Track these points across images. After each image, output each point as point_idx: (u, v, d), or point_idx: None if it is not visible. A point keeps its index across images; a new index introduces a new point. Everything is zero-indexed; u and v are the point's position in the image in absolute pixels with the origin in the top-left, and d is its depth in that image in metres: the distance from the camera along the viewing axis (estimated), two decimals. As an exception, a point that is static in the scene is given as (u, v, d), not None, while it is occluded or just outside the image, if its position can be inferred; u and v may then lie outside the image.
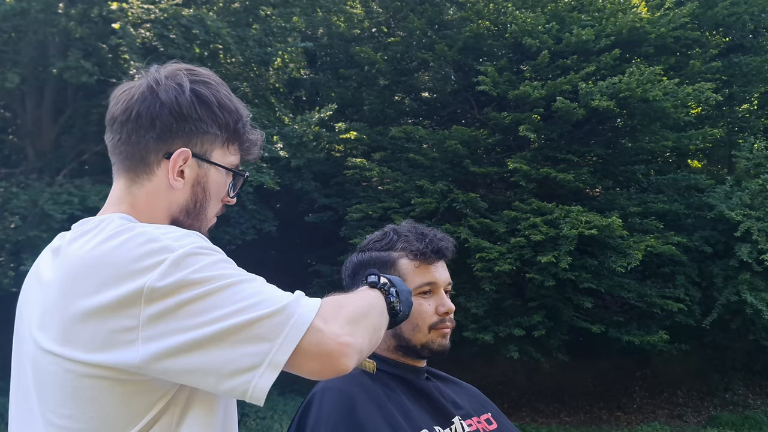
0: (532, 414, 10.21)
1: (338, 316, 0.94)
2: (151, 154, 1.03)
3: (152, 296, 0.86)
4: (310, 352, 0.89)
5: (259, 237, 10.16)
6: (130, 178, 1.04)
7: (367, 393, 1.27)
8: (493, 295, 9.18)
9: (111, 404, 0.90)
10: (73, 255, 0.94)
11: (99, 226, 0.97)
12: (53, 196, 8.20)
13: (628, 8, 10.25)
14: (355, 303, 1.01)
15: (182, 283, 0.87)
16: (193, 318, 0.86)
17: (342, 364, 0.91)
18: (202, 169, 1.06)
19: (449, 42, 10.68)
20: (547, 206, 9.02)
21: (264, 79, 11.40)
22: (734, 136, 11.41)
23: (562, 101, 9.03)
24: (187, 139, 1.03)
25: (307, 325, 0.88)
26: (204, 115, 1.04)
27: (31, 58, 9.16)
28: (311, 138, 9.92)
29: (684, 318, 9.44)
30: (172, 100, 1.02)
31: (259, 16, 10.80)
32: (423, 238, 1.39)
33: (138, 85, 1.04)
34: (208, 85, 1.06)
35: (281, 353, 0.87)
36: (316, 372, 0.91)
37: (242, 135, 1.10)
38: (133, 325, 0.87)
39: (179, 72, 1.05)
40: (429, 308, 1.36)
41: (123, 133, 1.03)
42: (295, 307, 0.90)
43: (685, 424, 9.80)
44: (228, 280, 0.89)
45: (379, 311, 1.06)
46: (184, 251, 0.89)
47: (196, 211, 1.07)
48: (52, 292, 0.94)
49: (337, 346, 0.90)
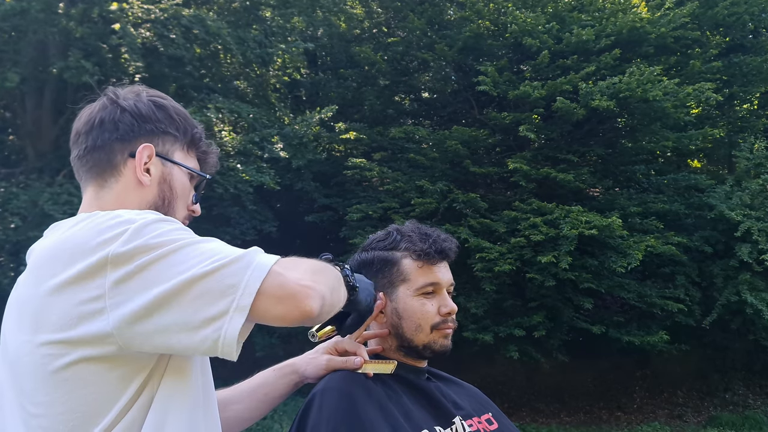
0: (532, 414, 10.21)
1: (297, 267, 0.98)
2: (117, 154, 1.08)
3: (116, 261, 0.89)
4: (274, 295, 0.91)
5: (259, 237, 10.16)
6: (99, 183, 1.09)
7: (367, 393, 1.27)
8: (493, 295, 9.18)
9: (87, 386, 0.91)
10: (42, 247, 0.99)
11: (65, 223, 1.02)
12: (53, 197, 8.20)
13: (628, 8, 10.25)
14: (310, 261, 1.05)
15: (143, 248, 0.90)
16: (157, 276, 0.89)
17: (306, 305, 0.92)
18: (167, 168, 1.11)
19: (449, 42, 10.68)
20: (547, 206, 9.02)
21: (264, 79, 11.40)
22: (734, 136, 11.40)
23: (562, 101, 9.03)
24: (149, 138, 1.10)
25: (267, 269, 0.91)
26: (162, 117, 1.12)
27: (31, 58, 9.16)
28: (311, 138, 9.92)
29: (684, 318, 9.44)
30: (131, 105, 1.10)
31: (259, 16, 10.80)
32: (427, 238, 1.38)
33: (98, 101, 1.12)
34: (163, 98, 1.15)
35: (246, 296, 0.89)
36: (281, 315, 0.92)
37: (198, 142, 1.17)
38: (100, 293, 0.89)
39: (136, 88, 1.15)
40: (431, 308, 1.35)
41: (88, 141, 1.09)
42: (254, 255, 0.94)
43: (685, 424, 9.80)
44: (186, 240, 0.93)
45: (334, 275, 1.09)
46: (145, 221, 0.93)
47: (165, 208, 1.10)
48: (26, 285, 0.98)
49: (299, 287, 0.92)
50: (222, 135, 9.72)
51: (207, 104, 9.38)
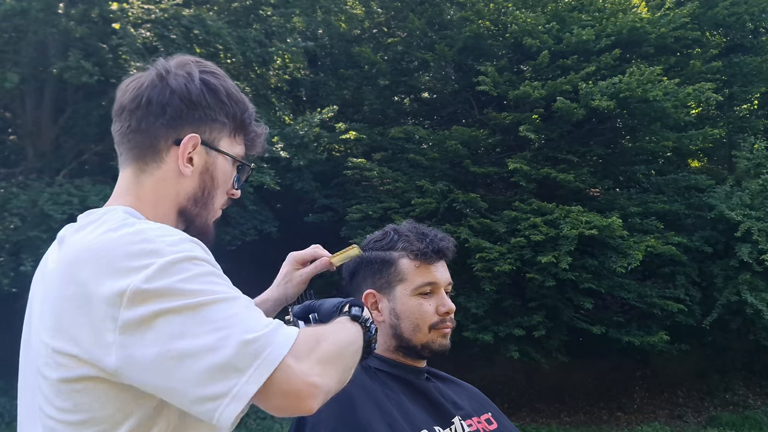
0: (532, 414, 10.20)
1: (312, 354, 0.90)
2: (161, 140, 1.02)
3: (134, 298, 0.85)
4: (278, 389, 0.86)
5: (259, 237, 10.16)
6: (139, 167, 1.04)
7: (366, 393, 1.27)
8: (493, 295, 9.18)
9: (96, 401, 0.90)
10: (74, 245, 0.94)
11: (102, 218, 0.97)
12: (53, 197, 8.20)
13: (628, 8, 10.25)
14: (332, 340, 0.96)
15: (164, 291, 0.85)
16: (168, 333, 0.84)
17: (307, 405, 0.88)
18: (211, 157, 1.06)
19: (449, 42, 10.68)
20: (548, 206, 9.02)
21: (264, 79, 11.40)
22: (734, 136, 11.39)
23: (563, 101, 9.03)
24: (196, 126, 1.03)
25: (278, 361, 0.86)
26: (213, 103, 1.04)
27: (31, 58, 9.15)
28: (312, 139, 9.93)
29: (684, 318, 9.43)
30: (182, 87, 1.02)
31: (259, 16, 10.80)
32: (424, 238, 1.39)
33: (147, 74, 1.05)
34: (216, 76, 1.06)
35: (249, 385, 0.84)
36: (279, 408, 0.89)
37: (248, 126, 1.11)
38: (112, 327, 0.85)
39: (188, 62, 1.06)
40: (429, 308, 1.36)
41: (132, 120, 1.03)
42: (271, 338, 0.87)
43: (685, 424, 9.80)
44: (210, 297, 0.87)
45: (355, 348, 1.02)
46: (175, 258, 0.88)
47: (204, 199, 1.06)
48: (53, 281, 0.94)
49: (305, 386, 0.87)
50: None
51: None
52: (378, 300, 1.38)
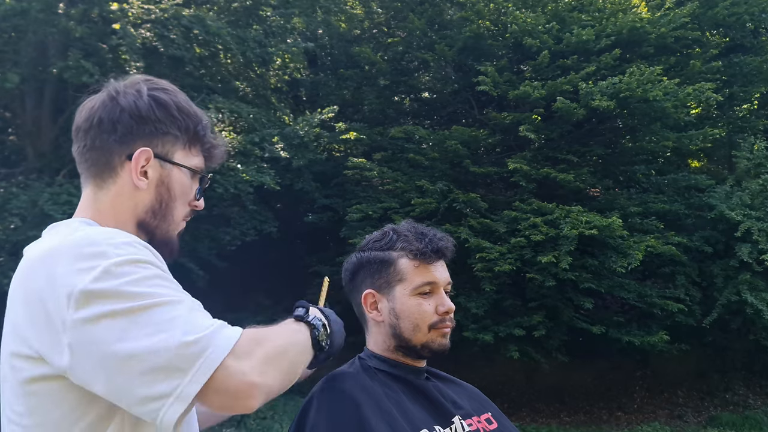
0: (532, 414, 10.20)
1: (253, 354, 0.93)
2: (115, 156, 1.07)
3: (79, 299, 0.88)
4: (218, 389, 0.89)
5: (259, 238, 10.16)
6: (97, 184, 1.08)
7: (366, 393, 1.27)
8: (493, 295, 9.18)
9: (50, 403, 0.93)
10: (29, 255, 1.00)
11: (57, 228, 1.04)
12: (53, 197, 8.19)
13: (628, 8, 10.25)
14: (274, 340, 1.00)
15: (109, 293, 0.89)
16: (112, 336, 0.87)
17: (246, 403, 0.91)
18: (165, 170, 1.09)
19: (449, 42, 10.68)
20: (548, 206, 9.01)
21: (264, 79, 11.40)
22: (734, 136, 11.39)
23: (563, 101, 9.03)
24: (147, 141, 1.07)
25: (219, 361, 0.89)
26: (163, 117, 1.08)
27: (31, 58, 9.15)
28: (312, 139, 9.93)
29: (684, 318, 9.43)
30: (131, 105, 1.07)
31: (259, 16, 10.80)
32: (423, 237, 1.38)
33: (99, 95, 1.10)
34: (166, 92, 1.10)
35: (192, 385, 0.87)
36: (219, 407, 0.92)
37: (203, 137, 1.13)
38: (61, 329, 0.89)
39: (138, 81, 1.11)
40: (429, 308, 1.36)
41: (87, 139, 1.08)
42: (212, 339, 0.90)
43: (685, 424, 9.80)
44: (153, 300, 0.90)
45: (300, 348, 1.05)
46: (119, 260, 0.91)
47: (162, 211, 1.09)
48: (12, 290, 1.00)
49: (243, 386, 0.90)
50: (222, 135, 9.73)
51: (207, 104, 9.37)
52: (377, 300, 1.38)
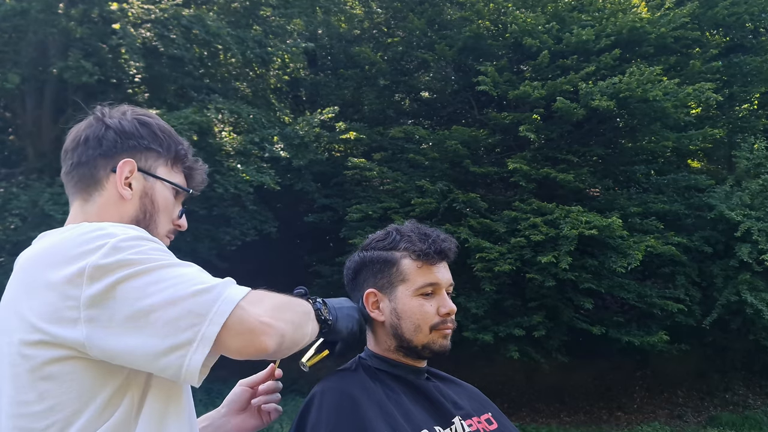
0: (532, 414, 10.20)
1: (263, 302, 1.00)
2: (100, 169, 1.13)
3: (93, 274, 0.93)
4: (235, 329, 0.94)
5: (259, 238, 10.16)
6: (83, 198, 1.13)
7: (367, 393, 1.27)
8: (493, 296, 9.17)
9: (62, 385, 0.95)
10: (29, 254, 1.04)
11: (49, 233, 1.07)
12: (53, 197, 8.20)
13: (628, 8, 10.25)
14: (279, 297, 1.07)
15: (120, 263, 0.94)
16: (131, 295, 0.93)
17: (262, 342, 0.96)
18: (149, 183, 1.15)
19: (449, 42, 10.68)
20: (547, 206, 9.02)
21: (264, 79, 11.41)
22: (734, 136, 11.39)
23: (562, 101, 9.03)
24: (131, 154, 1.14)
25: (234, 303, 0.95)
26: (146, 134, 1.15)
27: (31, 58, 9.15)
28: (312, 139, 9.93)
29: (684, 318, 9.43)
30: (116, 123, 1.14)
31: (259, 16, 10.80)
32: (426, 238, 1.38)
33: (86, 120, 1.17)
34: (149, 116, 1.19)
35: (212, 326, 0.93)
36: (239, 349, 0.96)
37: (183, 157, 1.20)
38: (75, 304, 0.93)
39: (123, 107, 1.19)
40: (430, 309, 1.35)
41: (74, 157, 1.14)
42: (224, 288, 0.97)
43: (685, 424, 9.80)
44: (162, 262, 0.97)
45: (302, 310, 1.12)
46: (126, 236, 0.98)
47: (146, 221, 1.14)
48: (9, 288, 1.02)
49: (258, 324, 0.96)
50: (222, 135, 9.73)
51: (207, 104, 9.38)
52: (379, 300, 1.38)
